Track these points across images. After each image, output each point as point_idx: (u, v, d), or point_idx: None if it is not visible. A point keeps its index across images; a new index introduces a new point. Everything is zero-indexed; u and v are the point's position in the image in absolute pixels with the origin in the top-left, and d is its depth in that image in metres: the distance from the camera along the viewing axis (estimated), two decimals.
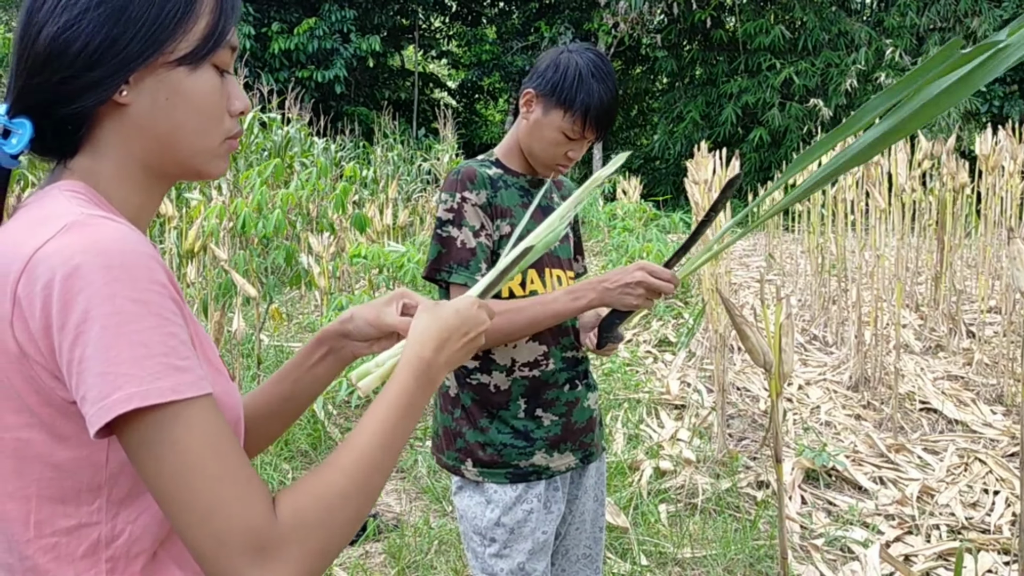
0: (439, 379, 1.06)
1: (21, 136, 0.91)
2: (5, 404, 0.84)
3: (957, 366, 5.66)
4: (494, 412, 1.97)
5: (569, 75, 1.90)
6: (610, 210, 11.37)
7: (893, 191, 5.76)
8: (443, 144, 13.95)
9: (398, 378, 1.02)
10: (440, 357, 1.06)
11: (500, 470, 1.95)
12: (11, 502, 0.87)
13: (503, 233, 1.95)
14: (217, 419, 0.83)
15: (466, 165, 1.98)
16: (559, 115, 1.91)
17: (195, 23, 0.92)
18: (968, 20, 16.70)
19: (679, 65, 19.85)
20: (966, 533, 3.46)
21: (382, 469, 0.95)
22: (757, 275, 9.63)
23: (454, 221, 1.91)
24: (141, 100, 0.91)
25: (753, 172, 17.27)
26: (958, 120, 15.00)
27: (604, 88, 1.92)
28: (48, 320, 0.79)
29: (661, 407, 5.09)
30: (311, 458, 4.30)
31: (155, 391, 0.78)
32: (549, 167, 2.00)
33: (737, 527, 3.53)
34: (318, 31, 18.89)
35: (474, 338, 1.12)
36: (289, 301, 7.94)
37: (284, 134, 10.54)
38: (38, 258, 0.80)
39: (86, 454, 0.85)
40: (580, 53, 1.95)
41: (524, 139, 2.00)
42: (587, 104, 1.89)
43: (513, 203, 1.98)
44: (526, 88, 1.98)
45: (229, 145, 1.00)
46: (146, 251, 0.83)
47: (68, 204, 0.86)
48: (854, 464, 4.15)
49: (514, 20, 23.72)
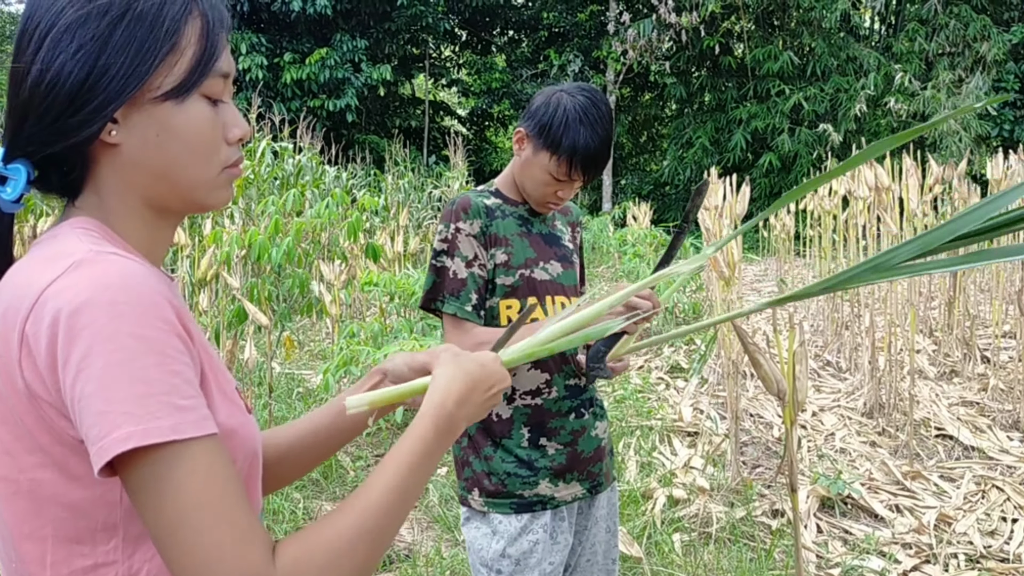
0: (459, 431, 1.05)
1: (16, 183, 0.91)
2: (19, 444, 0.84)
3: (972, 392, 5.62)
4: (497, 441, 1.97)
5: (557, 118, 1.90)
6: (620, 236, 11.38)
7: (905, 216, 5.74)
8: (454, 171, 14.00)
9: (418, 427, 1.00)
10: (462, 410, 1.05)
11: (505, 500, 1.94)
12: (28, 543, 0.86)
13: (499, 262, 1.96)
14: (219, 461, 0.82)
15: (463, 195, 2.00)
16: (546, 157, 1.92)
17: (179, 55, 0.91)
18: (977, 45, 16.73)
19: (688, 91, 19.93)
20: (984, 562, 3.42)
21: (395, 517, 0.93)
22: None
23: (448, 251, 1.94)
24: (132, 138, 0.91)
25: (763, 198, 17.26)
26: (969, 144, 14.99)
27: (591, 133, 1.90)
28: (53, 357, 0.79)
29: (674, 434, 5.06)
30: (322, 487, 4.29)
31: (154, 430, 0.77)
32: (540, 204, 2.02)
33: (752, 556, 3.49)
34: (329, 61, 19.07)
35: (496, 393, 1.11)
36: (301, 329, 7.95)
37: (296, 163, 10.61)
38: (46, 296, 0.80)
39: (99, 493, 0.85)
40: (573, 95, 1.94)
41: (517, 175, 2.02)
42: (573, 149, 1.89)
43: (510, 232, 1.99)
44: (519, 126, 2.00)
45: (229, 174, 0.99)
46: (153, 287, 0.82)
47: (78, 241, 0.87)
48: (870, 492, 4.11)
49: (524, 48, 23.90)
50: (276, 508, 3.96)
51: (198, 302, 5.27)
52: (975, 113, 15.45)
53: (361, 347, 4.98)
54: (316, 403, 5.16)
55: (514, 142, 2.01)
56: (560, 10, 22.49)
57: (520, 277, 1.97)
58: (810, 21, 18.29)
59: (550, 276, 2.02)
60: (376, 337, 5.41)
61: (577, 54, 21.32)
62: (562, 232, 2.13)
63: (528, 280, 1.97)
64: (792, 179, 17.05)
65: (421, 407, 1.04)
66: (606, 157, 1.96)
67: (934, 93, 15.96)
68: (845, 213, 7.08)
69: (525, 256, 1.99)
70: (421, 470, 0.97)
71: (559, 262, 2.05)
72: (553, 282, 2.02)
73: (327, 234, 8.48)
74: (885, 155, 6.48)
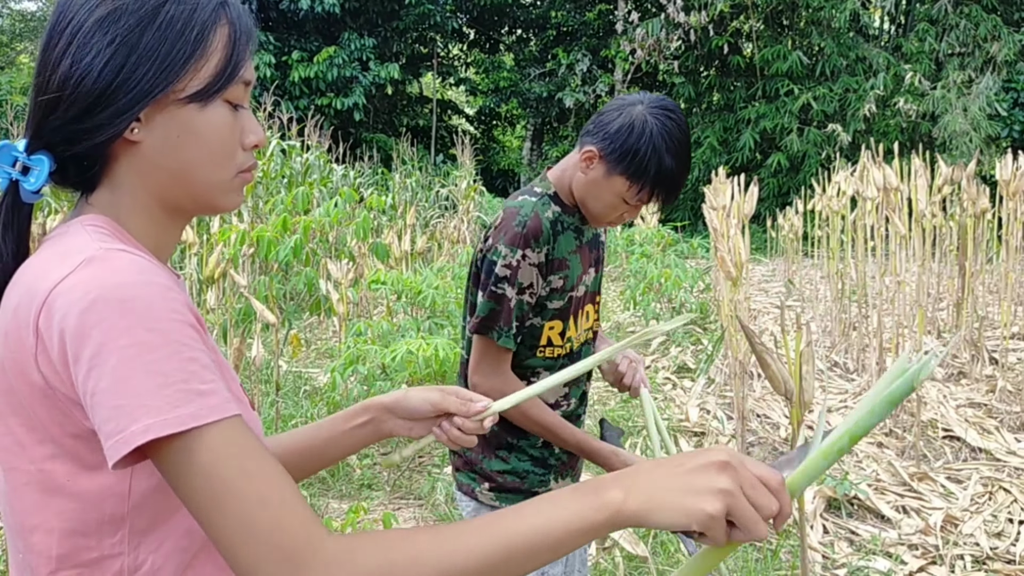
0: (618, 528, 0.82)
1: (39, 173, 0.92)
2: (31, 436, 0.86)
3: (980, 393, 5.60)
4: (513, 443, 1.96)
5: (643, 146, 1.75)
6: (628, 236, 11.37)
7: (913, 217, 5.74)
8: (461, 170, 14.02)
9: (590, 503, 0.80)
10: (640, 508, 0.79)
11: (518, 496, 1.94)
12: (36, 534, 0.88)
13: (554, 287, 1.88)
14: (245, 439, 0.82)
15: (531, 214, 1.83)
16: (623, 183, 1.80)
17: (206, 61, 0.93)
18: (988, 45, 16.65)
19: (696, 91, 19.89)
20: (991, 563, 3.41)
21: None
22: (777, 301, 9.58)
23: (510, 279, 1.82)
24: (153, 137, 0.93)
25: (772, 197, 17.22)
26: (979, 145, 14.92)
27: (679, 163, 1.78)
28: (65, 353, 0.80)
29: (681, 434, 5.06)
30: (328, 484, 4.30)
31: (173, 420, 0.77)
32: (600, 223, 1.93)
33: (758, 557, 3.49)
34: (338, 59, 19.09)
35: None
36: (308, 327, 7.97)
37: (304, 161, 10.63)
38: (57, 292, 0.81)
39: (110, 483, 0.86)
40: (658, 117, 1.78)
41: (579, 191, 1.89)
42: (658, 180, 1.78)
43: (568, 250, 1.90)
44: (589, 144, 1.83)
45: (243, 178, 1.00)
46: (163, 282, 0.83)
47: (88, 239, 0.88)
48: (876, 493, 4.10)
49: (532, 47, 23.88)
50: None
51: (206, 300, 5.29)
52: (985, 114, 15.37)
53: (368, 346, 5.00)
54: (322, 401, 5.17)
55: (581, 159, 1.85)
56: (568, 9, 22.46)
57: (568, 300, 1.93)
58: (819, 21, 18.23)
59: (585, 287, 1.99)
60: (383, 336, 5.43)
61: (585, 53, 21.29)
62: (599, 230, 2.08)
63: (573, 300, 1.93)
64: (801, 179, 17.00)
65: (607, 480, 0.82)
66: (684, 183, 1.86)
67: (944, 93, 15.89)
68: (853, 214, 7.06)
69: (576, 275, 1.93)
70: (553, 550, 0.80)
71: (594, 267, 2.03)
72: (585, 294, 1.99)
73: (334, 233, 8.50)
74: (894, 155, 6.46)
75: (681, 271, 8.06)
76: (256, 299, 5.03)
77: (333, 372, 4.85)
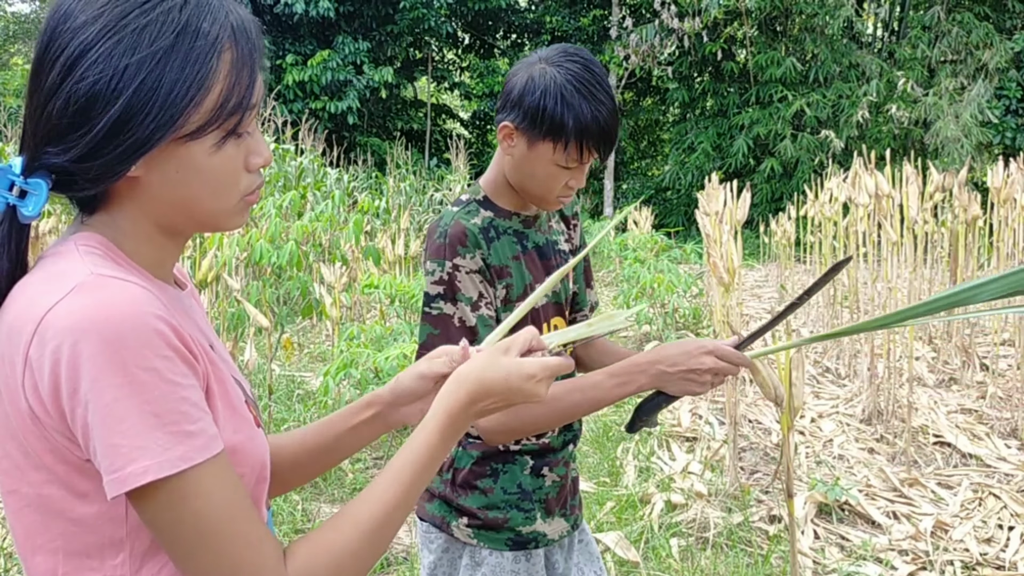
0: (464, 431, 1.05)
1: (37, 199, 0.89)
2: (27, 461, 0.86)
3: (971, 399, 5.62)
4: (498, 469, 1.76)
5: (549, 98, 1.57)
6: (621, 241, 11.39)
7: (905, 223, 5.75)
8: (455, 174, 14.04)
9: (423, 434, 1.01)
10: (471, 410, 1.04)
11: (501, 535, 1.75)
12: (39, 555, 0.89)
13: (499, 298, 1.68)
14: (228, 478, 0.85)
15: (451, 221, 1.65)
16: (548, 148, 1.60)
17: (205, 97, 0.88)
18: (980, 52, 16.74)
19: (690, 96, 19.95)
20: (980, 569, 3.42)
21: (396, 522, 0.96)
22: (769, 307, 9.61)
23: (445, 295, 1.61)
24: (153, 174, 0.90)
25: (765, 203, 17.27)
26: (970, 152, 14.99)
27: (595, 104, 1.58)
28: (57, 386, 0.80)
29: (672, 439, 5.07)
30: (320, 489, 4.30)
31: (168, 463, 0.80)
32: (549, 202, 1.71)
33: (749, 562, 3.50)
34: (332, 63, 19.09)
35: (518, 405, 1.10)
36: (301, 331, 7.96)
37: (298, 165, 10.63)
38: (48, 321, 0.80)
39: (105, 509, 0.87)
40: (559, 63, 1.60)
41: (512, 176, 1.70)
42: (580, 127, 1.57)
43: (507, 256, 1.70)
44: (502, 120, 1.65)
45: (247, 201, 0.98)
46: (156, 313, 0.83)
47: (81, 262, 0.86)
48: (867, 498, 4.11)
49: (526, 52, 23.90)
50: (276, 510, 3.96)
51: None
52: (976, 120, 15.45)
53: (361, 350, 4.99)
54: (315, 405, 5.17)
55: (500, 139, 1.67)
56: (563, 15, 22.51)
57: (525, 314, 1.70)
58: (813, 27, 18.31)
59: (547, 298, 1.78)
60: (377, 340, 5.43)
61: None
62: (558, 234, 1.86)
63: (531, 313, 1.65)
64: (793, 185, 17.05)
65: (428, 414, 1.03)
66: (617, 126, 1.63)
67: (936, 100, 15.97)
68: (845, 220, 7.09)
69: (524, 284, 1.71)
70: (422, 479, 0.99)
71: (548, 274, 1.78)
72: (550, 304, 1.79)
73: (328, 236, 8.50)
74: (886, 162, 6.49)
75: (674, 276, 8.07)
76: (249, 303, 5.02)
77: (326, 376, 4.85)
